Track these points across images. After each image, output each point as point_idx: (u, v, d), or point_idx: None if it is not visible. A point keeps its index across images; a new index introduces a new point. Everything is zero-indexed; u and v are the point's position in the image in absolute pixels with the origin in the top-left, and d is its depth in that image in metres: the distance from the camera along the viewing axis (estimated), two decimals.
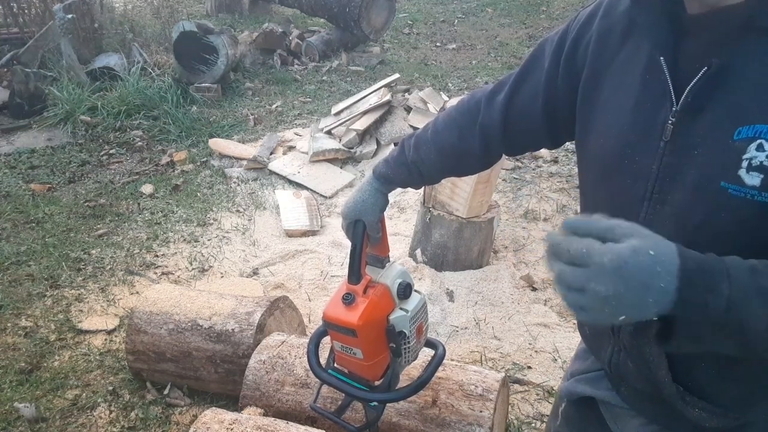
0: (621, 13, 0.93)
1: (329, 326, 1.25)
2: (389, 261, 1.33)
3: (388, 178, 1.32)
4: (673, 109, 0.83)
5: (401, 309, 1.27)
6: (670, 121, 0.84)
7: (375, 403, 1.32)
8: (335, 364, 1.34)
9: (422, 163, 1.27)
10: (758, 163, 0.74)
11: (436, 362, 1.37)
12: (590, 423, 1.10)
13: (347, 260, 1.34)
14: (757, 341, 0.71)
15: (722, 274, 0.71)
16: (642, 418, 0.99)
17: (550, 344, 2.56)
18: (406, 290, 1.28)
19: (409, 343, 1.27)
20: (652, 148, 0.86)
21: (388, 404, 1.52)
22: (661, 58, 0.86)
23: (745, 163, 0.75)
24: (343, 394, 1.33)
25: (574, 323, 1.62)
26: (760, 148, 0.74)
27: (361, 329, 1.20)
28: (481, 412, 1.72)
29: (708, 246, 0.74)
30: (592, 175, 1.00)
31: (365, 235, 1.31)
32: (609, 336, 0.96)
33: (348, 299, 1.22)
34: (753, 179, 0.75)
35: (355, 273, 1.26)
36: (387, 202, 1.34)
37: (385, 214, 1.43)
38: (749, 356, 0.77)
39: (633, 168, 0.89)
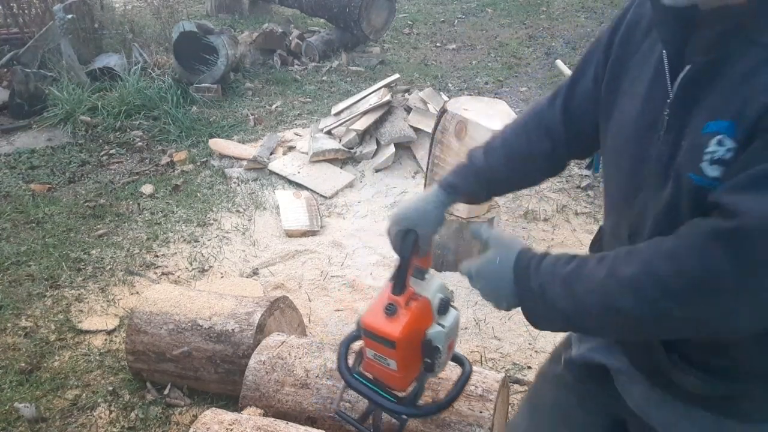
0: (649, 6, 0.97)
1: (367, 334, 1.24)
2: (429, 273, 1.31)
3: (456, 188, 1.29)
4: (668, 101, 0.90)
5: (438, 324, 1.26)
6: (665, 113, 0.90)
7: (405, 417, 1.31)
8: (362, 369, 1.32)
9: (491, 171, 1.26)
10: (718, 157, 0.81)
11: (464, 380, 1.36)
12: (600, 385, 1.17)
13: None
14: (601, 324, 0.90)
15: (536, 268, 0.94)
16: (647, 383, 1.05)
17: (550, 344, 2.56)
18: (445, 305, 1.28)
19: (440, 357, 1.26)
20: (654, 139, 0.92)
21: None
22: (664, 51, 0.92)
23: (707, 156, 0.82)
24: (365, 400, 1.32)
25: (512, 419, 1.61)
26: (720, 143, 0.81)
27: (401, 342, 1.20)
28: (481, 412, 1.72)
29: (672, 230, 0.84)
30: (607, 160, 1.08)
31: (415, 247, 1.26)
32: None
33: (390, 310, 1.21)
34: (714, 171, 0.81)
35: (399, 284, 1.24)
36: (444, 217, 1.31)
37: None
38: (625, 338, 0.98)
39: (638, 156, 0.95)
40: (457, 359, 1.41)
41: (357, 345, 1.34)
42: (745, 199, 0.76)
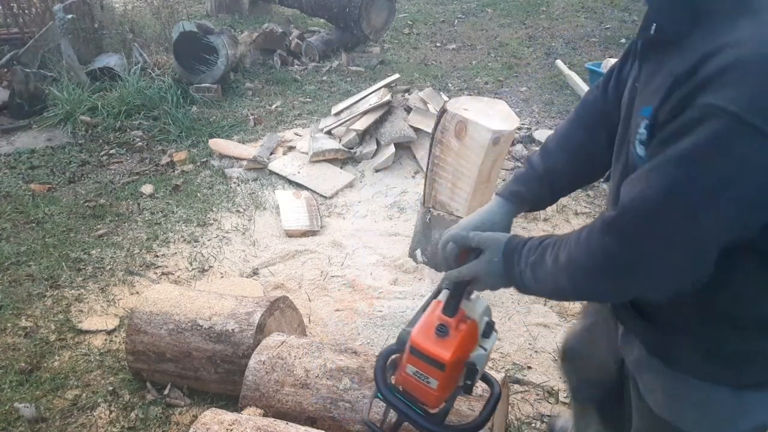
0: None
1: (415, 353, 1.23)
2: (475, 293, 1.31)
3: (520, 196, 1.31)
4: (629, 85, 1.09)
5: (481, 347, 1.27)
6: (626, 96, 1.09)
7: None
8: (394, 382, 1.32)
9: (553, 172, 1.29)
10: (643, 139, 0.96)
11: (494, 401, 1.36)
12: (610, 328, 1.33)
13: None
14: (560, 296, 1.14)
15: (518, 258, 1.12)
16: (623, 328, 1.25)
17: (550, 344, 2.56)
18: (489, 329, 1.29)
19: (477, 379, 1.28)
20: (625, 119, 1.09)
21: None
22: (639, 41, 1.07)
23: (638, 137, 0.97)
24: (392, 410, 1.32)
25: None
26: (645, 126, 0.95)
27: (450, 365, 1.20)
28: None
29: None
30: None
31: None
32: None
33: (442, 332, 1.21)
34: (641, 151, 0.96)
35: (453, 306, 1.24)
36: (511, 228, 1.36)
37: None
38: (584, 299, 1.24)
39: (621, 132, 1.12)
40: (486, 380, 1.42)
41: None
42: (626, 191, 0.93)
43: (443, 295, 1.28)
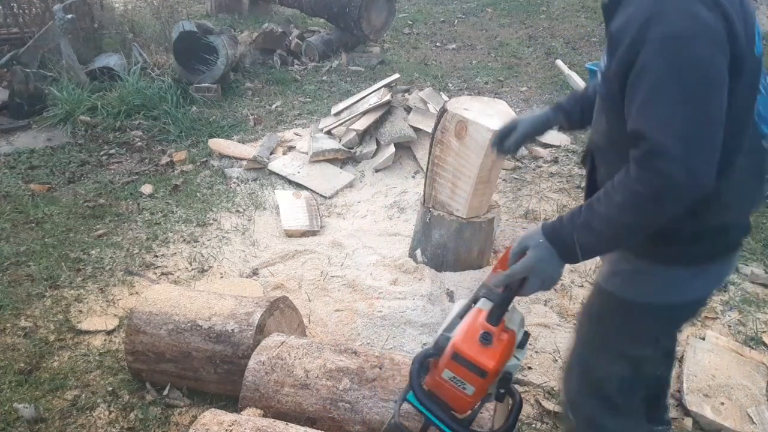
0: None
1: (457, 359, 1.27)
2: (512, 304, 1.36)
3: (560, 105, 1.67)
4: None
5: (515, 357, 1.32)
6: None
7: None
8: (423, 384, 1.36)
9: (587, 100, 1.61)
10: (602, 68, 1.31)
11: (518, 411, 1.42)
12: None
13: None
14: (621, 238, 1.25)
15: (561, 225, 1.27)
16: None
17: (550, 344, 2.56)
18: (525, 340, 1.35)
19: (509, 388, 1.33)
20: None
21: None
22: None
23: (602, 65, 1.32)
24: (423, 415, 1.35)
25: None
26: (603, 61, 1.31)
27: (492, 374, 1.24)
28: (481, 412, 1.72)
29: (597, 119, 1.42)
30: None
31: (514, 140, 1.64)
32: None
33: (487, 339, 1.25)
34: (600, 79, 1.34)
35: (498, 315, 1.29)
36: (547, 125, 1.70)
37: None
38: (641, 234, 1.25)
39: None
40: (509, 390, 1.46)
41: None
42: (638, 125, 1.15)
43: (482, 303, 1.32)
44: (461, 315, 1.34)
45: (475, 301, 1.35)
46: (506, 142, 1.66)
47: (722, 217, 1.31)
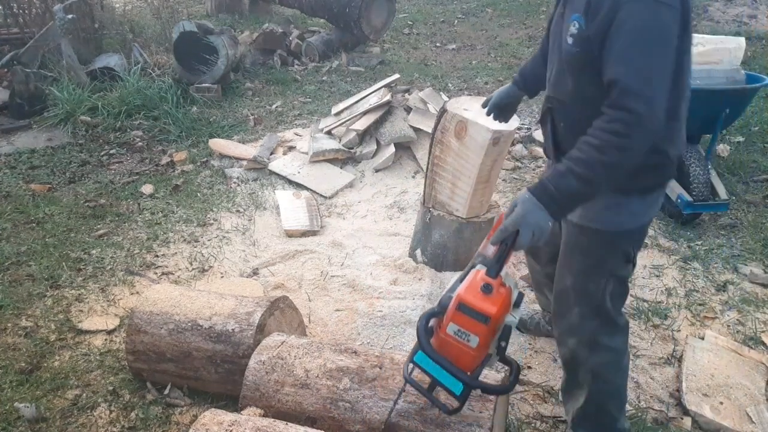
0: None
1: (462, 308, 1.39)
2: (504, 270, 1.49)
3: (522, 73, 2.16)
4: (560, 2, 1.68)
5: (512, 315, 1.44)
6: (560, 10, 1.67)
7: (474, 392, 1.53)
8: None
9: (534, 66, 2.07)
10: (574, 33, 1.53)
11: (517, 373, 1.59)
12: None
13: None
14: (602, 179, 1.44)
15: (547, 180, 1.45)
16: None
17: (550, 344, 2.56)
18: (520, 300, 1.47)
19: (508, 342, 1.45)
20: (556, 29, 1.70)
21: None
22: None
23: (569, 34, 1.55)
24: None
25: (558, 265, 2.00)
26: (575, 26, 1.53)
27: (494, 318, 1.37)
28: (480, 412, 1.72)
29: (559, 79, 1.67)
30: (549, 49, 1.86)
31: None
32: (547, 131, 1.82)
33: (488, 289, 1.38)
34: (571, 41, 1.55)
35: (498, 268, 1.42)
36: (514, 95, 2.19)
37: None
38: (616, 178, 1.47)
39: (555, 38, 1.71)
40: (505, 360, 1.59)
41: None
42: (612, 74, 1.42)
43: (480, 267, 1.44)
44: (462, 279, 1.46)
45: (472, 267, 1.48)
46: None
47: (674, 151, 1.63)
